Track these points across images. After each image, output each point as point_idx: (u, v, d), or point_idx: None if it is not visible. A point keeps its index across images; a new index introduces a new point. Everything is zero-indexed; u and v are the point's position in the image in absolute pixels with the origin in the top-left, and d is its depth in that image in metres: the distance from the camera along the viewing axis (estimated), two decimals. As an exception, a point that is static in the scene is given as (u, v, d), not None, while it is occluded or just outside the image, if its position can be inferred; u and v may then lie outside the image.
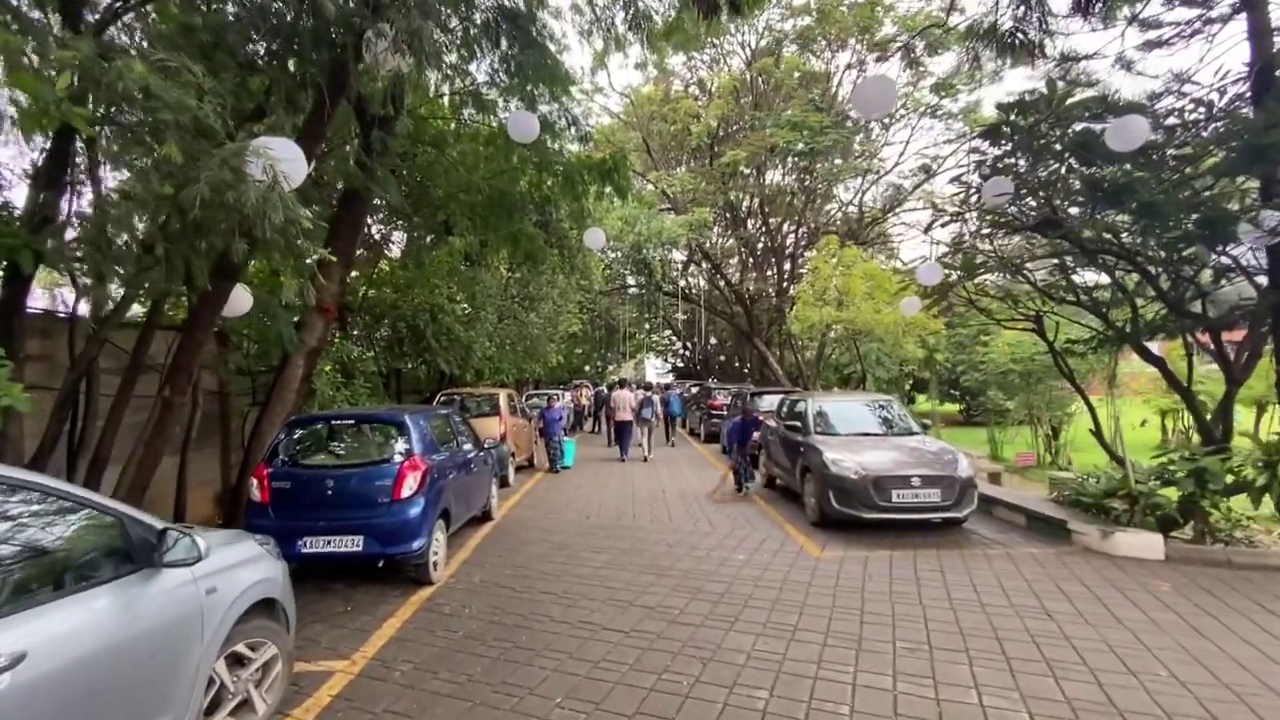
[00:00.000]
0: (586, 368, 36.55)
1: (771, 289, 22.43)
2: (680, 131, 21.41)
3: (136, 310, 5.63)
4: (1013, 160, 7.34)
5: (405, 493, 5.26)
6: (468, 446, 7.30)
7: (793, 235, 23.96)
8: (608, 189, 8.57)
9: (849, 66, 23.38)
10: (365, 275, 10.07)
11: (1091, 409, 8.15)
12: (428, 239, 9.89)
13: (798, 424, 8.36)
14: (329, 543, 5.13)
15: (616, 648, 4.13)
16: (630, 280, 20.08)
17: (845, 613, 4.72)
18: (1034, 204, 7.42)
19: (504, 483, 10.60)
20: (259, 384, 8.09)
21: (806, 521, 7.65)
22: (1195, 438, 8.35)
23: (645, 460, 13.90)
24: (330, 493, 5.21)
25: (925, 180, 19.55)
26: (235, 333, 7.83)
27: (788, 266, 22.44)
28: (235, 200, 3.12)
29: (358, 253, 10.36)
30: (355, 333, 11.16)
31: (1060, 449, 13.44)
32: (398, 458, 5.42)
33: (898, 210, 20.48)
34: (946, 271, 8.01)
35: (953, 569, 5.81)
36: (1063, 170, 7.16)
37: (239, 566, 3.13)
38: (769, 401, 13.41)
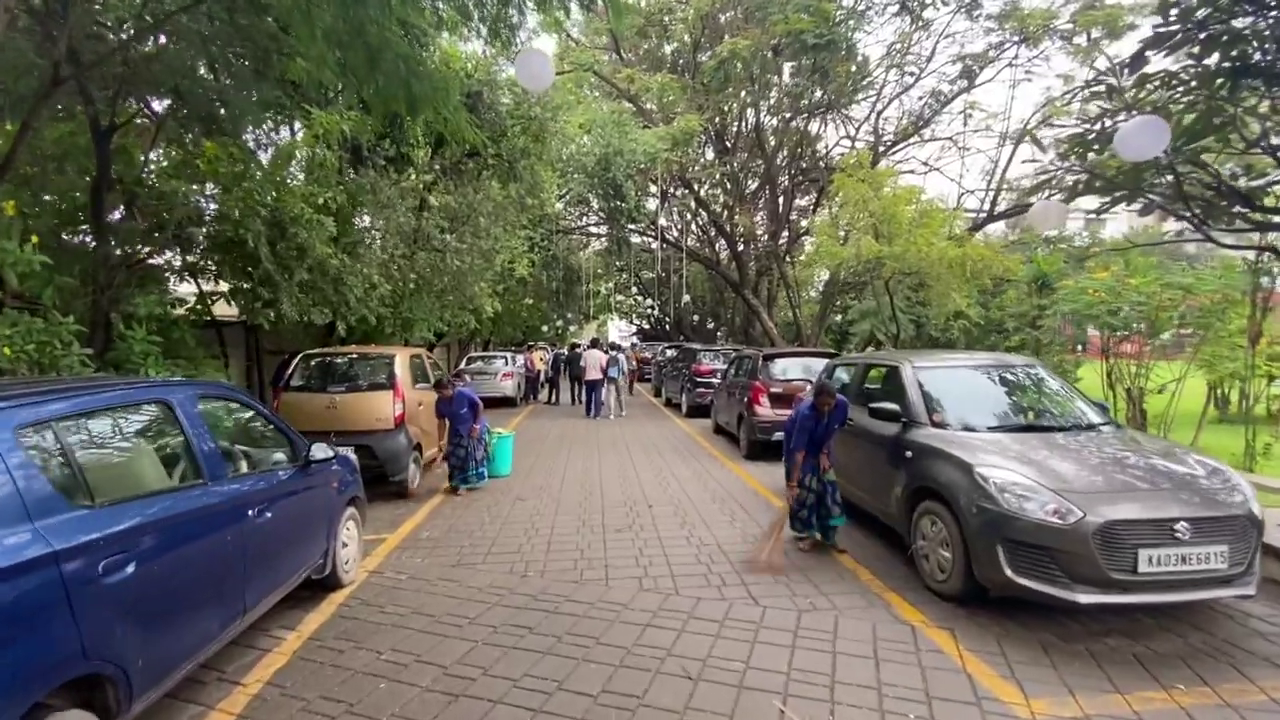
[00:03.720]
0: (544, 328, 32.50)
1: (762, 229, 18.72)
2: (657, 28, 17.19)
3: None
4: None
5: None
6: (279, 457, 3.59)
7: (785, 176, 20.09)
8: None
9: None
10: (139, 148, 5.89)
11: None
12: (255, 97, 5.77)
13: (891, 407, 4.81)
14: None
15: None
16: (595, 204, 15.89)
17: None
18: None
19: (401, 493, 6.89)
20: None
21: (916, 580, 4.21)
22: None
23: (613, 418, 13.88)
24: None
25: (966, 90, 15.96)
26: None
27: (782, 202, 18.69)
28: None
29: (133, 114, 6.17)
30: (175, 258, 7.06)
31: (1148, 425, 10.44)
32: None
33: (930, 126, 16.77)
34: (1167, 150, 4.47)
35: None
36: None
37: None
38: (783, 367, 9.95)
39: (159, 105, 6.82)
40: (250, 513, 3.08)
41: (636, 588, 4.29)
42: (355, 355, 7.42)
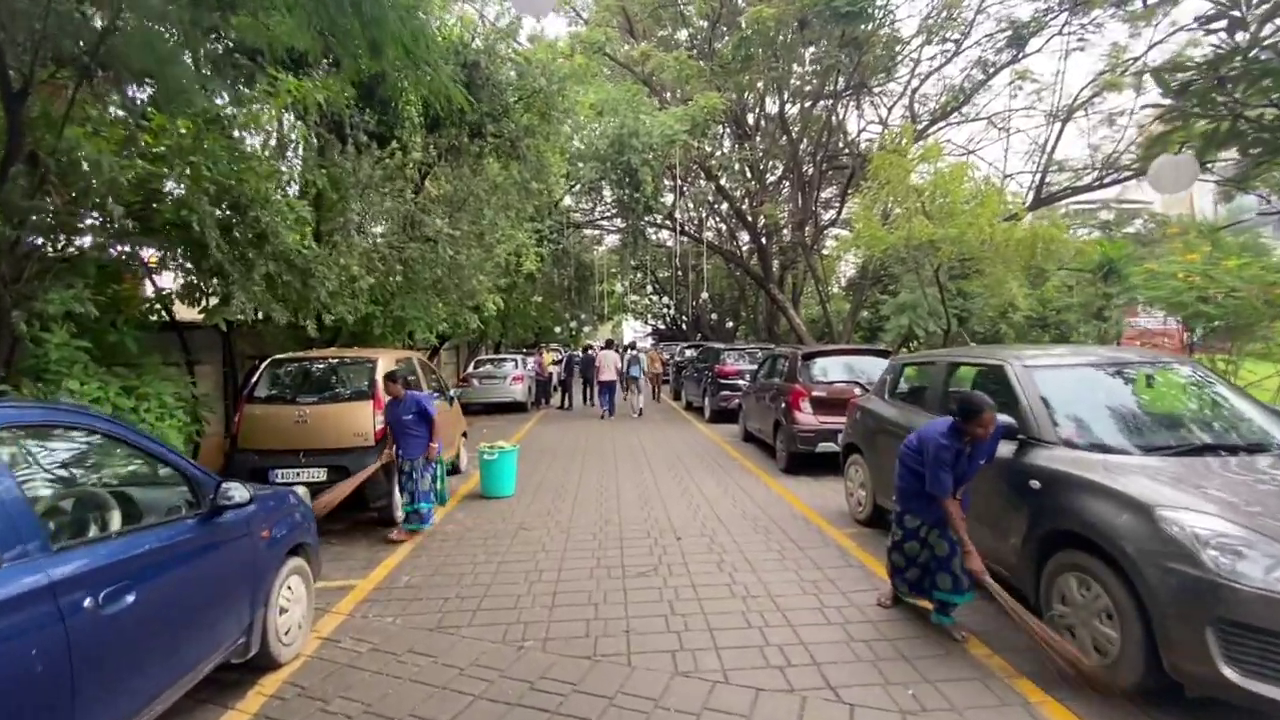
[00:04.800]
0: (557, 329, 31.48)
1: (786, 220, 17.44)
2: (671, 10, 16.08)
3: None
4: None
5: None
6: (173, 504, 2.56)
7: (811, 164, 18.82)
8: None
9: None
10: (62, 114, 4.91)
11: None
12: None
13: (1005, 420, 3.64)
14: None
15: None
16: (608, 195, 14.78)
17: None
18: None
19: (385, 520, 5.86)
20: None
21: (1061, 671, 3.05)
22: None
23: (636, 416, 14.23)
24: None
25: (1013, 60, 14.58)
26: None
27: (807, 190, 17.44)
28: None
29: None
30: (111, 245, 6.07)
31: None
32: None
33: (971, 102, 15.42)
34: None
35: None
36: None
37: None
38: (824, 368, 8.77)
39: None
40: (89, 602, 2.03)
41: (670, 669, 3.18)
42: (332, 360, 6.41)
